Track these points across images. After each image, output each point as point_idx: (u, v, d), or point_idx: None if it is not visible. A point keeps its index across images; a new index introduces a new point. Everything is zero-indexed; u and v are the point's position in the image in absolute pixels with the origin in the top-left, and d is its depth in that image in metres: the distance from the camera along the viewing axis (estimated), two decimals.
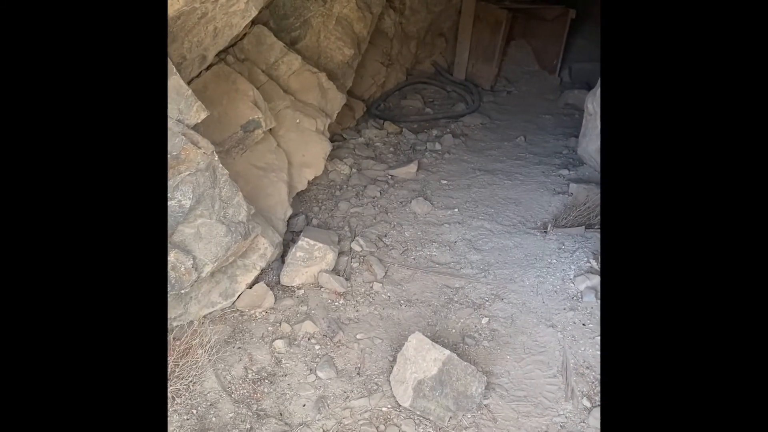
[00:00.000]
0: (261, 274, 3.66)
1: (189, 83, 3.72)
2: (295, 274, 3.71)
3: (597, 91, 4.97)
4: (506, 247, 4.22)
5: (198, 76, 3.77)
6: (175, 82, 2.78)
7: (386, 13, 6.34)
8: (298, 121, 4.53)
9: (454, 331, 3.47)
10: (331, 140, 4.90)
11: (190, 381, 2.87)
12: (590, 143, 5.09)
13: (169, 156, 2.73)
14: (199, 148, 2.87)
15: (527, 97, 7.59)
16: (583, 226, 4.28)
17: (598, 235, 4.14)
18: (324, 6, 5.07)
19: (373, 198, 4.83)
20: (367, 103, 6.46)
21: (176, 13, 2.90)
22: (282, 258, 3.87)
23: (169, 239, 2.88)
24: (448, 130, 6.26)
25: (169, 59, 2.77)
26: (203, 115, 2.94)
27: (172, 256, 2.86)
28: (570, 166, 5.36)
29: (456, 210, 4.70)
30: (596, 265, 3.85)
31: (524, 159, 5.64)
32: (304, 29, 5.01)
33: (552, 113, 7.00)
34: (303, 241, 3.74)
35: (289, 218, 4.32)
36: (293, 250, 3.74)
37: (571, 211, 4.46)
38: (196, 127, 2.99)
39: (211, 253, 3.04)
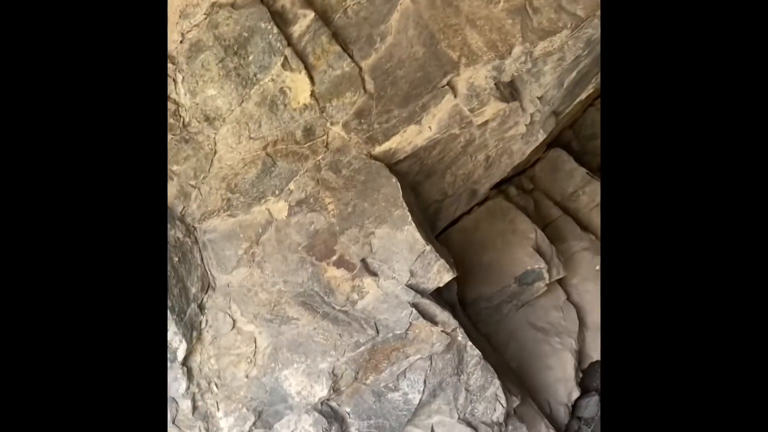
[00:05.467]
0: None
1: (456, 221, 3.06)
2: None
3: None
4: None
5: (468, 212, 3.07)
6: (408, 234, 2.09)
7: None
8: (598, 267, 3.44)
9: None
10: None
11: None
12: None
13: (391, 334, 2.00)
14: (436, 324, 2.08)
15: None
16: None
17: None
18: None
19: None
20: None
21: (428, 142, 2.28)
22: None
23: None
24: None
25: (404, 205, 2.10)
26: (447, 277, 2.16)
27: None
28: None
29: None
30: None
31: None
32: None
33: None
34: None
35: (576, 400, 3.17)
36: None
37: None
38: (439, 293, 2.22)
39: None
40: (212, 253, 2.24)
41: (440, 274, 2.15)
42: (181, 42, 2.05)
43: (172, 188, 2.17)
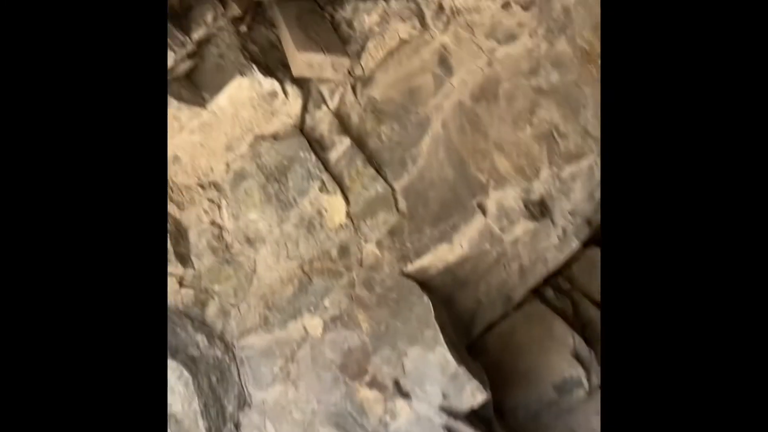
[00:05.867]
0: None
1: (491, 326, 3.05)
2: None
3: None
4: None
5: (504, 317, 3.06)
6: (440, 355, 2.12)
7: None
8: None
9: None
10: None
11: None
12: None
13: None
14: None
15: None
16: None
17: None
18: None
19: None
20: None
21: (460, 259, 2.33)
22: None
23: None
24: None
25: (435, 325, 2.14)
26: (481, 398, 2.16)
27: None
28: None
29: None
30: None
31: None
32: None
33: None
34: None
35: None
36: None
37: None
38: (473, 409, 2.20)
39: None
40: (249, 370, 2.29)
41: (474, 396, 2.14)
42: (226, 172, 2.21)
43: (213, 307, 2.27)
